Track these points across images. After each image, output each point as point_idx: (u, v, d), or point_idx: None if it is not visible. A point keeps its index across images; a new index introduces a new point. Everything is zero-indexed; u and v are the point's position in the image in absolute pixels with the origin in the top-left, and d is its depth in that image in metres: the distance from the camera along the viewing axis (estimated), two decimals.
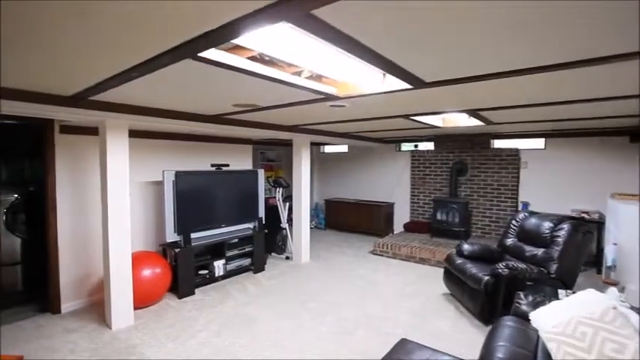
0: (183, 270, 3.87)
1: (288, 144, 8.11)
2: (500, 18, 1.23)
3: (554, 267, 3.26)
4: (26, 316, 3.42)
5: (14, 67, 1.89)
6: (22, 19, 1.25)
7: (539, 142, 5.72)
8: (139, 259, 3.54)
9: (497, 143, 6.06)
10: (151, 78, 2.02)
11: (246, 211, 4.77)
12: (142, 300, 3.48)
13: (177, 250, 3.84)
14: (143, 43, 1.49)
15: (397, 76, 2.03)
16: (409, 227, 6.61)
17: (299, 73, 2.29)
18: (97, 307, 3.55)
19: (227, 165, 4.63)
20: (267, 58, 2.05)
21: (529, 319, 2.30)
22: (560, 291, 2.73)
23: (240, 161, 5.50)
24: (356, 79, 2.51)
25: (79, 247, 3.66)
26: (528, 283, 3.12)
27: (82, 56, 1.68)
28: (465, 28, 1.33)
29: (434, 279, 4.51)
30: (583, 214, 5.06)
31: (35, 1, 1.09)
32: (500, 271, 3.19)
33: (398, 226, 7.14)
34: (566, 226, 3.41)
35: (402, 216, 7.11)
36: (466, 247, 3.97)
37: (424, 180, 6.77)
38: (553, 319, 2.02)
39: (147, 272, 3.50)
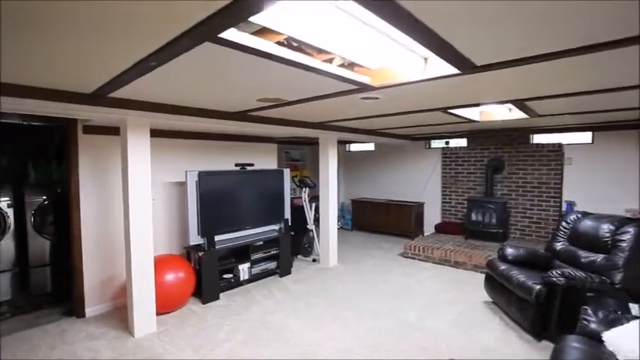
0: (208, 274, 3.73)
1: (313, 143, 7.93)
2: None
3: (618, 276, 2.86)
4: (52, 320, 3.37)
5: (30, 63, 1.77)
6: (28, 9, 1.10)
7: (585, 137, 5.22)
8: (162, 263, 3.42)
9: (538, 138, 5.60)
10: (170, 68, 1.85)
11: (272, 212, 4.59)
12: (165, 305, 3.36)
13: (201, 254, 3.70)
14: (158, 25, 1.30)
15: (445, 58, 1.75)
16: (441, 228, 6.24)
17: (330, 61, 2.06)
18: (121, 312, 3.46)
19: (252, 164, 4.47)
20: (295, 44, 1.84)
21: (602, 341, 1.97)
22: (632, 305, 2.37)
23: (265, 160, 5.33)
24: (393, 66, 2.25)
25: (102, 249, 3.59)
26: (589, 294, 2.75)
27: (94, 45, 1.52)
28: None
29: (472, 285, 4.17)
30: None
31: None
32: (555, 279, 2.83)
33: (428, 227, 6.78)
34: (631, 229, 3.00)
35: (432, 216, 6.74)
36: (510, 251, 3.62)
37: (456, 178, 6.38)
38: (637, 341, 1.70)
39: (170, 277, 3.38)
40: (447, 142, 6.53)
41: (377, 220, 7.12)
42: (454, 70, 1.96)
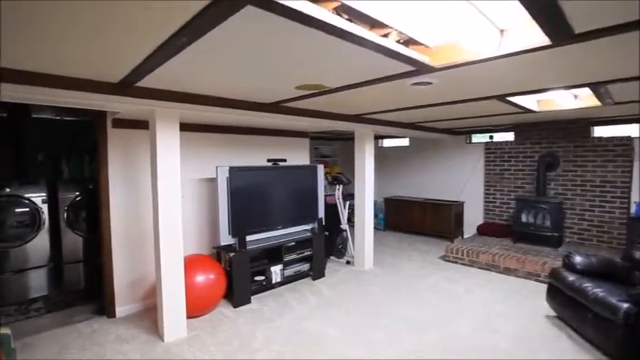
0: (239, 276, 3.52)
1: (343, 138, 7.63)
2: None
3: None
4: (84, 318, 3.28)
5: (51, 50, 1.60)
6: None
7: None
8: (192, 264, 3.24)
9: (600, 131, 4.99)
10: (202, 47, 1.60)
11: (305, 211, 4.33)
12: (196, 309, 3.18)
13: (232, 254, 3.49)
14: None
15: (541, 23, 1.39)
16: (484, 230, 5.75)
17: (386, 36, 1.74)
18: (151, 313, 3.32)
19: (284, 160, 4.22)
20: (345, 17, 1.53)
21: None
22: None
23: (297, 156, 5.07)
24: (457, 42, 1.90)
25: (133, 247, 3.46)
26: None
27: (116, 23, 1.30)
28: None
29: (528, 295, 3.73)
30: None
31: None
32: None
33: (468, 229, 6.30)
34: None
35: (473, 217, 6.25)
36: (579, 259, 3.16)
37: (502, 176, 5.86)
38: None
39: (200, 278, 3.19)
40: (491, 137, 6.01)
41: (412, 220, 6.71)
42: (542, 42, 1.59)
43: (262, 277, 3.86)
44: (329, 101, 3.12)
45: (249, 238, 3.70)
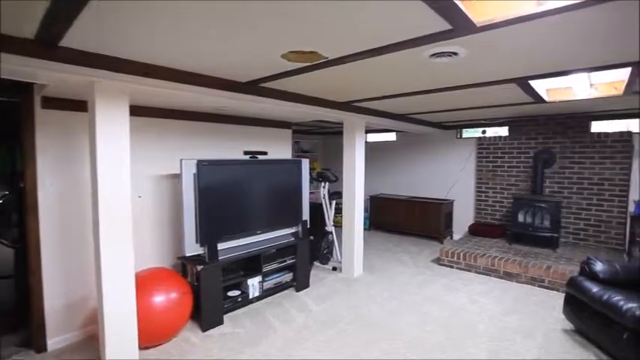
0: (209, 292, 2.90)
1: (326, 132, 7.09)
2: None
3: None
4: (8, 354, 2.54)
5: None
6: None
7: None
8: (148, 280, 2.59)
9: (598, 126, 4.74)
10: None
11: (288, 212, 3.74)
12: (153, 337, 2.54)
13: (200, 267, 2.86)
14: None
15: None
16: (475, 230, 5.41)
17: None
18: (95, 344, 2.63)
19: (265, 153, 3.62)
20: None
21: None
22: None
23: (279, 149, 4.47)
24: None
25: (70, 261, 2.75)
26: None
27: None
28: None
29: (538, 304, 3.36)
30: None
31: None
32: None
33: (458, 228, 5.96)
34: None
35: (463, 216, 5.92)
36: (601, 267, 2.80)
37: (494, 173, 5.54)
38: None
39: (159, 299, 2.54)
40: (483, 131, 5.67)
41: (399, 219, 6.29)
42: None
43: (237, 292, 3.25)
44: (318, 82, 2.57)
45: (221, 246, 3.08)
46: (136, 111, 3.04)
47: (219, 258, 3.02)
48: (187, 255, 2.91)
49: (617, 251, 4.50)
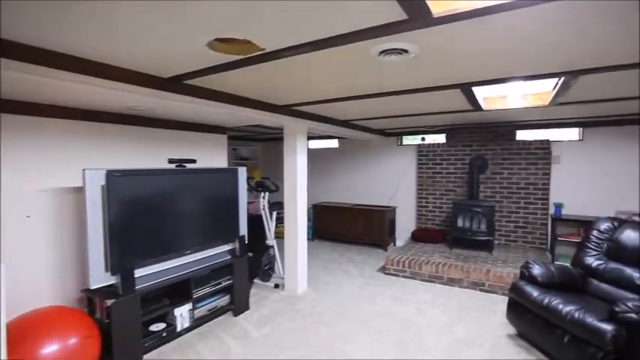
0: (123, 331, 2.38)
1: (266, 139, 6.73)
2: None
3: None
4: None
5: None
6: None
7: (572, 133, 4.82)
8: (33, 327, 2.02)
9: (522, 134, 5.09)
10: None
11: (223, 227, 3.32)
12: None
13: (110, 302, 2.33)
14: None
15: None
16: (418, 236, 5.47)
17: None
18: None
19: (193, 161, 3.17)
20: None
21: None
22: None
23: (212, 157, 4.03)
24: None
25: None
26: None
27: None
28: None
29: (481, 310, 3.39)
30: (634, 217, 4.19)
31: None
32: (633, 315, 2.08)
33: (401, 235, 6.01)
34: None
35: (405, 222, 5.98)
36: (539, 271, 2.87)
37: (434, 179, 5.67)
38: None
39: (50, 349, 1.98)
40: (423, 139, 5.79)
41: (342, 227, 6.16)
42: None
43: (162, 325, 2.76)
44: (254, 81, 2.27)
45: (140, 272, 2.58)
46: (31, 109, 2.46)
47: (138, 287, 2.52)
48: (94, 287, 2.36)
49: (541, 250, 4.84)
